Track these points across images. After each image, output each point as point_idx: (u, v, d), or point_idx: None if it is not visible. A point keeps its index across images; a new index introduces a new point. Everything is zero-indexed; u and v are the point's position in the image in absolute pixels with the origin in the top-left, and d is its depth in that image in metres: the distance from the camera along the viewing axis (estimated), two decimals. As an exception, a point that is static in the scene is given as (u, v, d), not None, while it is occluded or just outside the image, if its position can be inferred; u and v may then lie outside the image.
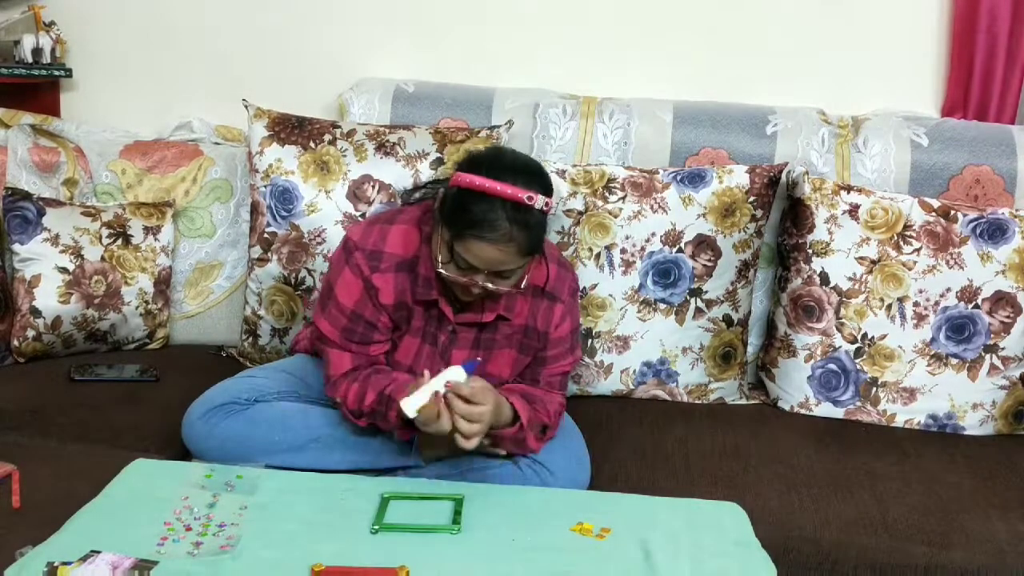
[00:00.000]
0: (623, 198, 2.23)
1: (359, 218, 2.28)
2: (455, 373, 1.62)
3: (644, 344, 2.27)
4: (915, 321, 2.22)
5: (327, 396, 1.85)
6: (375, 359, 1.83)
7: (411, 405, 1.59)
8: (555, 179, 2.23)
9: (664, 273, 2.25)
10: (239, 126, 2.59)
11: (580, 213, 2.23)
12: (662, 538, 1.56)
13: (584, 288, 2.24)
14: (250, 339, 2.39)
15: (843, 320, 2.24)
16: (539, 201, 1.64)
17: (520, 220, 1.63)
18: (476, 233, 1.63)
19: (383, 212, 1.90)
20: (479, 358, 1.75)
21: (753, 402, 2.36)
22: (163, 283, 2.44)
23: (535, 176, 1.68)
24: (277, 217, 2.31)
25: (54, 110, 2.79)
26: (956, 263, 2.20)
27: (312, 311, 2.12)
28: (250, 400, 1.87)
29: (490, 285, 1.68)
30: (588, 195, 2.23)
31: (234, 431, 1.82)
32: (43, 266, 2.30)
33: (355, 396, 1.77)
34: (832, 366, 2.26)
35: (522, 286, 1.72)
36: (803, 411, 2.29)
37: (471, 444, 1.65)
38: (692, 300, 2.27)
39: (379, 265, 1.78)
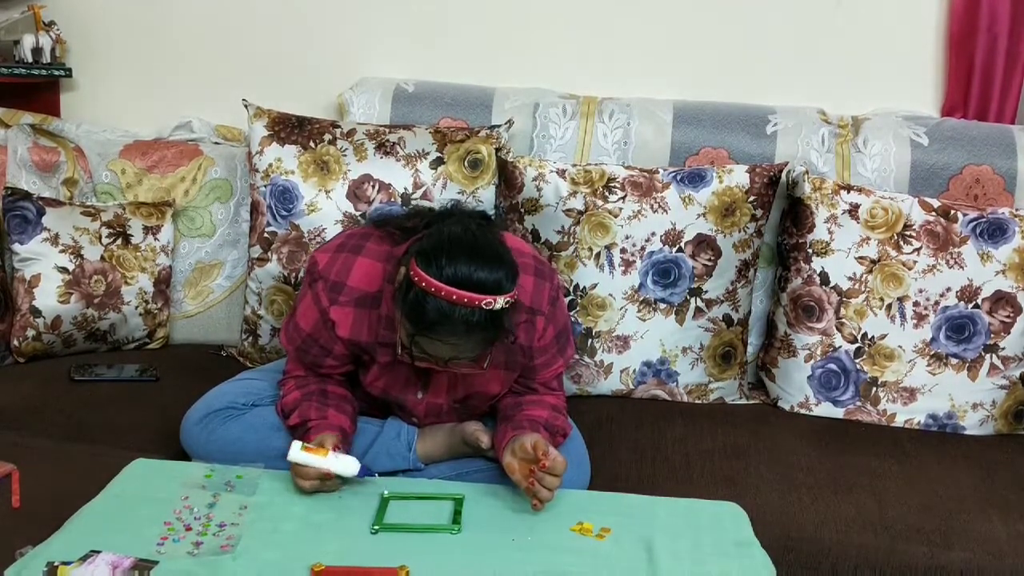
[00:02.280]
0: (623, 198, 2.23)
1: (359, 219, 2.28)
2: (349, 468, 1.63)
3: (644, 344, 2.27)
4: (915, 321, 2.22)
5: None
6: (332, 377, 1.84)
7: (292, 454, 1.62)
8: (555, 179, 2.23)
9: (664, 273, 2.25)
10: (239, 126, 2.59)
11: (580, 213, 2.23)
12: (662, 538, 1.56)
13: (584, 288, 2.24)
14: (250, 339, 2.39)
15: (843, 320, 2.24)
16: (499, 302, 1.57)
17: (478, 322, 1.57)
18: (432, 336, 1.59)
19: (351, 236, 1.84)
20: (376, 475, 1.68)
21: (753, 402, 2.36)
22: (163, 283, 2.44)
23: (495, 266, 1.59)
24: (277, 217, 2.31)
25: (54, 110, 2.79)
26: (956, 263, 2.20)
27: None
28: (247, 404, 1.87)
29: (452, 369, 1.66)
30: (588, 195, 2.23)
31: (232, 436, 1.82)
32: (43, 266, 2.30)
33: (291, 403, 1.80)
34: (832, 366, 2.26)
35: (485, 366, 1.67)
36: (803, 411, 2.29)
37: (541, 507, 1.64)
38: (692, 300, 2.27)
39: (338, 298, 1.76)
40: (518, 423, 1.74)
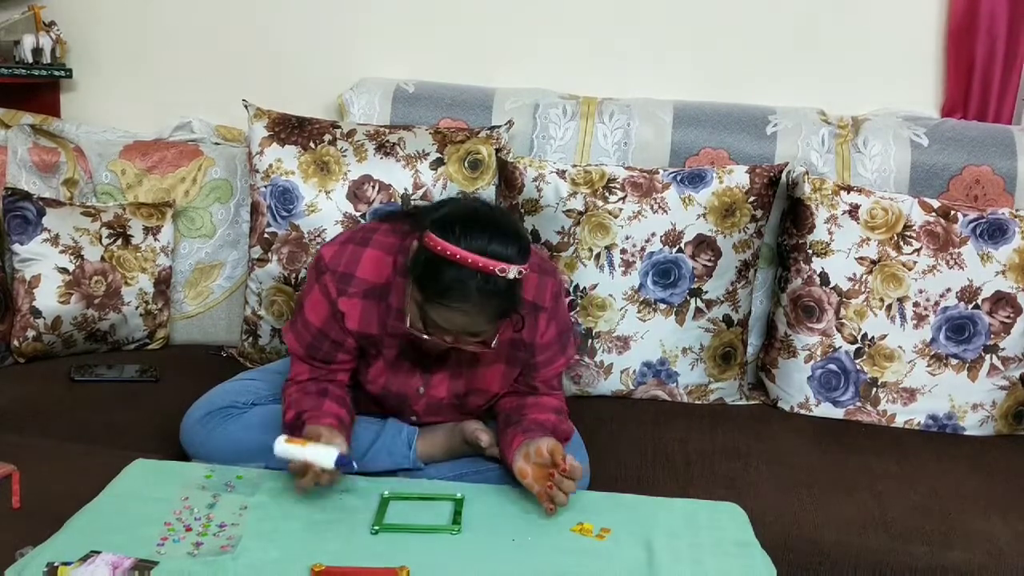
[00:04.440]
0: (623, 198, 2.23)
1: (360, 219, 2.28)
2: (323, 457, 1.58)
3: (644, 344, 2.27)
4: (915, 321, 2.22)
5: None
6: (335, 378, 1.81)
7: (277, 448, 1.59)
8: (555, 179, 2.23)
9: (664, 273, 2.25)
10: (239, 126, 2.59)
11: (580, 213, 2.23)
12: (662, 538, 1.56)
13: (584, 288, 2.24)
14: (250, 339, 2.39)
15: (843, 320, 2.24)
16: (512, 271, 1.58)
17: (491, 290, 1.58)
18: (445, 302, 1.59)
19: (357, 230, 1.84)
20: (355, 464, 1.64)
21: (753, 402, 2.36)
22: (163, 283, 2.44)
23: (510, 239, 1.61)
24: (277, 217, 2.31)
25: (54, 110, 2.79)
26: (956, 263, 2.20)
27: None
28: (247, 404, 1.87)
29: (460, 345, 1.66)
30: (588, 195, 2.23)
31: (232, 435, 1.82)
32: (43, 266, 2.30)
33: (287, 403, 1.78)
34: (832, 366, 2.26)
35: (492, 345, 1.68)
36: (803, 411, 2.29)
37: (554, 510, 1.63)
38: (692, 300, 2.27)
39: (347, 289, 1.75)
40: (527, 427, 1.74)
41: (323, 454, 1.58)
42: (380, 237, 1.79)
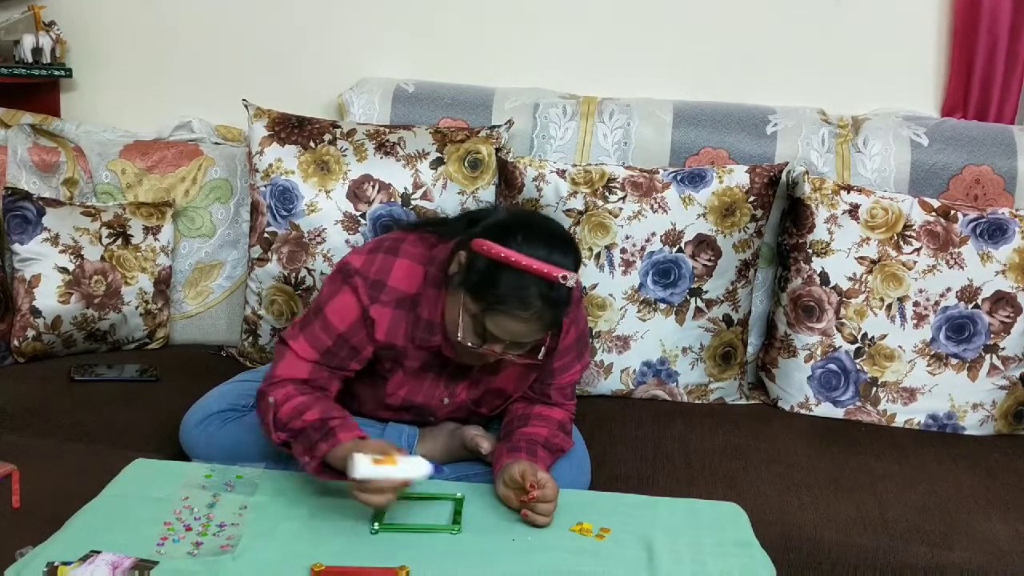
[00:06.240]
0: (623, 198, 2.23)
1: (360, 218, 2.28)
2: (418, 469, 1.51)
3: (644, 344, 2.27)
4: (915, 321, 2.22)
5: (260, 392, 1.71)
6: (330, 386, 1.73)
7: (362, 470, 1.47)
8: (555, 179, 2.23)
9: (664, 273, 2.25)
10: (239, 126, 2.59)
11: (580, 213, 2.23)
12: (662, 538, 1.56)
13: (584, 288, 2.24)
14: (250, 339, 2.39)
15: (843, 320, 2.24)
16: (571, 279, 1.57)
17: (552, 298, 1.57)
18: (506, 309, 1.57)
19: (384, 240, 1.78)
20: (444, 467, 1.62)
21: (753, 402, 2.36)
22: (163, 283, 2.44)
23: (569, 248, 1.61)
24: (277, 217, 2.31)
25: (54, 110, 2.79)
26: (956, 263, 2.20)
27: None
28: (246, 407, 1.86)
29: (509, 355, 1.65)
30: (588, 195, 2.23)
31: (231, 438, 1.82)
32: (43, 266, 2.30)
33: (294, 408, 1.64)
34: (832, 366, 2.26)
35: (540, 356, 1.67)
36: (803, 411, 2.29)
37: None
38: (692, 300, 2.27)
39: (379, 296, 1.70)
40: (515, 444, 1.72)
41: (416, 468, 1.52)
42: (409, 247, 1.75)
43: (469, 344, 1.64)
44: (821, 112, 2.48)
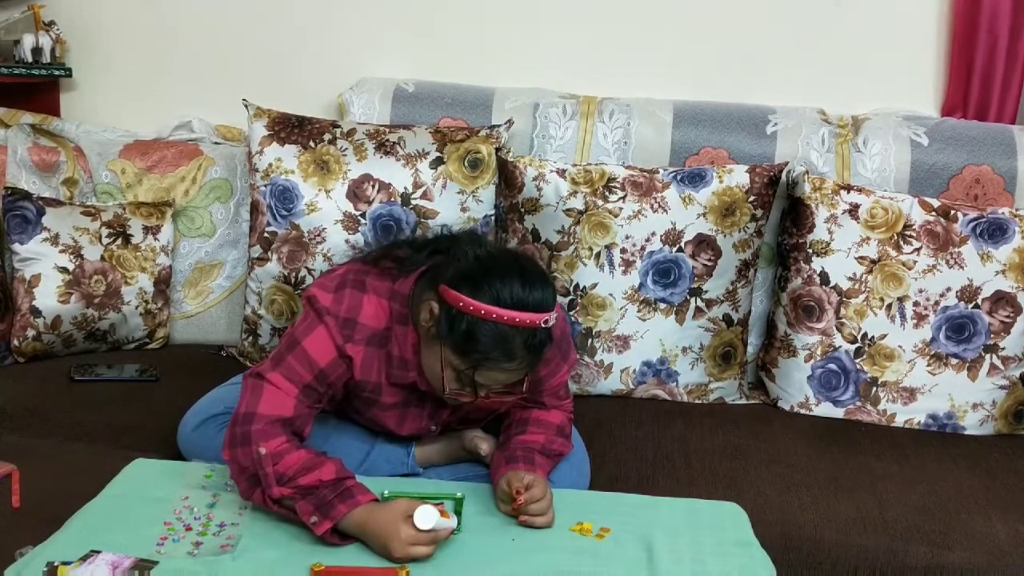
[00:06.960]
0: (623, 198, 2.23)
1: (359, 217, 2.28)
2: (454, 522, 1.50)
3: (644, 344, 2.27)
4: (915, 321, 2.22)
5: (241, 434, 1.58)
6: (305, 435, 1.64)
7: (430, 521, 1.46)
8: (555, 179, 2.23)
9: (664, 273, 2.25)
10: (239, 126, 2.59)
11: (580, 212, 2.23)
12: (662, 538, 1.56)
13: (584, 287, 2.24)
14: (250, 339, 2.39)
15: (843, 320, 2.24)
16: (551, 319, 1.55)
17: (536, 343, 1.55)
18: (489, 364, 1.54)
19: (346, 274, 1.69)
20: (459, 493, 1.59)
21: (753, 402, 2.36)
22: (163, 283, 2.44)
23: (545, 283, 1.57)
24: (277, 216, 2.31)
25: (54, 110, 2.79)
26: (956, 263, 2.20)
27: None
28: None
29: (493, 395, 1.63)
30: (588, 194, 2.23)
31: None
32: (43, 266, 2.30)
33: (299, 462, 1.54)
34: (832, 366, 2.26)
35: (524, 389, 1.64)
36: (803, 411, 2.29)
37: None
38: (692, 300, 2.27)
39: (353, 335, 1.64)
40: (512, 454, 1.70)
41: (453, 519, 1.52)
42: (373, 281, 1.68)
43: (456, 395, 1.62)
44: (821, 112, 2.48)
